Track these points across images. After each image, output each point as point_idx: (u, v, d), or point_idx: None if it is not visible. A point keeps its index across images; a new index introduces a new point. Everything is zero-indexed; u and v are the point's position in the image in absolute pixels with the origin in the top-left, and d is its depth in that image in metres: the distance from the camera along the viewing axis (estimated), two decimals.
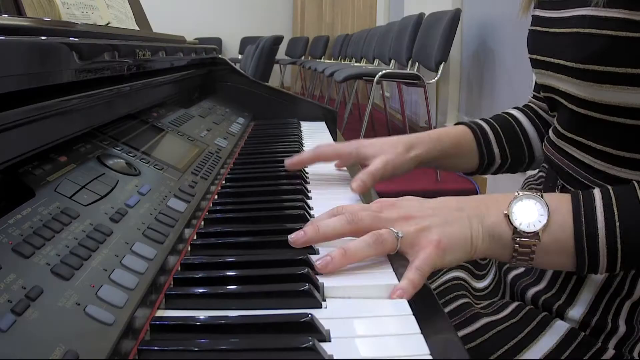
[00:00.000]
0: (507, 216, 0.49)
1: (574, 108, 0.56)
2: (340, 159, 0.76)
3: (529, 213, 0.48)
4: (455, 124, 0.77)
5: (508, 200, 0.49)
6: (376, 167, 0.67)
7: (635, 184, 0.48)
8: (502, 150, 0.74)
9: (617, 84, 0.50)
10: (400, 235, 0.47)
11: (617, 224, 0.46)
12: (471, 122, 0.76)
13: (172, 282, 0.42)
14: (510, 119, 0.76)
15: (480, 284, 0.68)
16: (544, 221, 0.47)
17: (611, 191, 0.48)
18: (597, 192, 0.48)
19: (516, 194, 0.50)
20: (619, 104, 0.51)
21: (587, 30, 0.52)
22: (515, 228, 0.48)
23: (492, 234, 0.49)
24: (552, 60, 0.58)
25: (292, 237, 0.48)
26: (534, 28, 0.64)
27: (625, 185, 0.49)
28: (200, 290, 0.40)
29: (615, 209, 0.47)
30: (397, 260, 0.47)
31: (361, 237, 0.47)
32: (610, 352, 0.52)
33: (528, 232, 0.48)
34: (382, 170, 0.67)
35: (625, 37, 0.48)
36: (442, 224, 0.49)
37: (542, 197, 0.49)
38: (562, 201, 0.49)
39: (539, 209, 0.48)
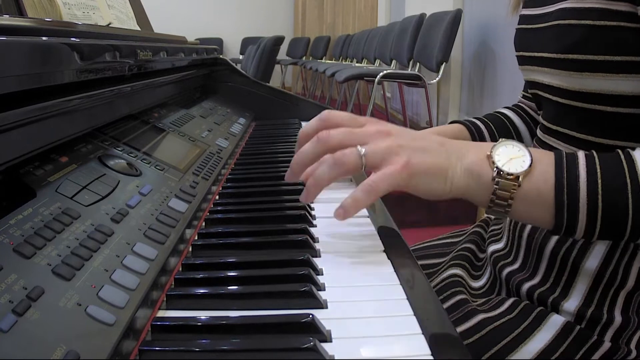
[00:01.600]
0: (489, 157, 0.48)
1: (558, 99, 0.58)
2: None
3: (512, 157, 0.47)
4: (450, 122, 0.78)
5: (491, 145, 0.49)
6: None
7: (620, 151, 0.47)
8: None
9: (596, 71, 0.51)
10: (363, 152, 0.46)
11: (599, 182, 0.45)
12: (466, 120, 0.77)
13: (173, 283, 0.42)
14: (501, 117, 0.78)
15: (477, 284, 0.69)
16: (526, 166, 0.46)
17: (595, 153, 0.47)
18: (580, 153, 0.48)
19: (500, 140, 0.49)
20: (599, 91, 0.52)
21: (567, 22, 0.53)
22: (497, 168, 0.46)
23: (471, 172, 0.48)
24: (536, 54, 0.60)
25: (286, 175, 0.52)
26: (520, 26, 0.66)
27: (609, 152, 0.48)
28: (202, 291, 0.40)
29: (598, 167, 0.45)
30: (398, 260, 0.47)
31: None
32: (607, 345, 0.53)
33: (509, 174, 0.46)
34: None
35: (603, 25, 0.50)
36: (416, 149, 0.48)
37: (525, 146, 0.48)
38: (545, 154, 0.48)
39: (523, 155, 0.47)
